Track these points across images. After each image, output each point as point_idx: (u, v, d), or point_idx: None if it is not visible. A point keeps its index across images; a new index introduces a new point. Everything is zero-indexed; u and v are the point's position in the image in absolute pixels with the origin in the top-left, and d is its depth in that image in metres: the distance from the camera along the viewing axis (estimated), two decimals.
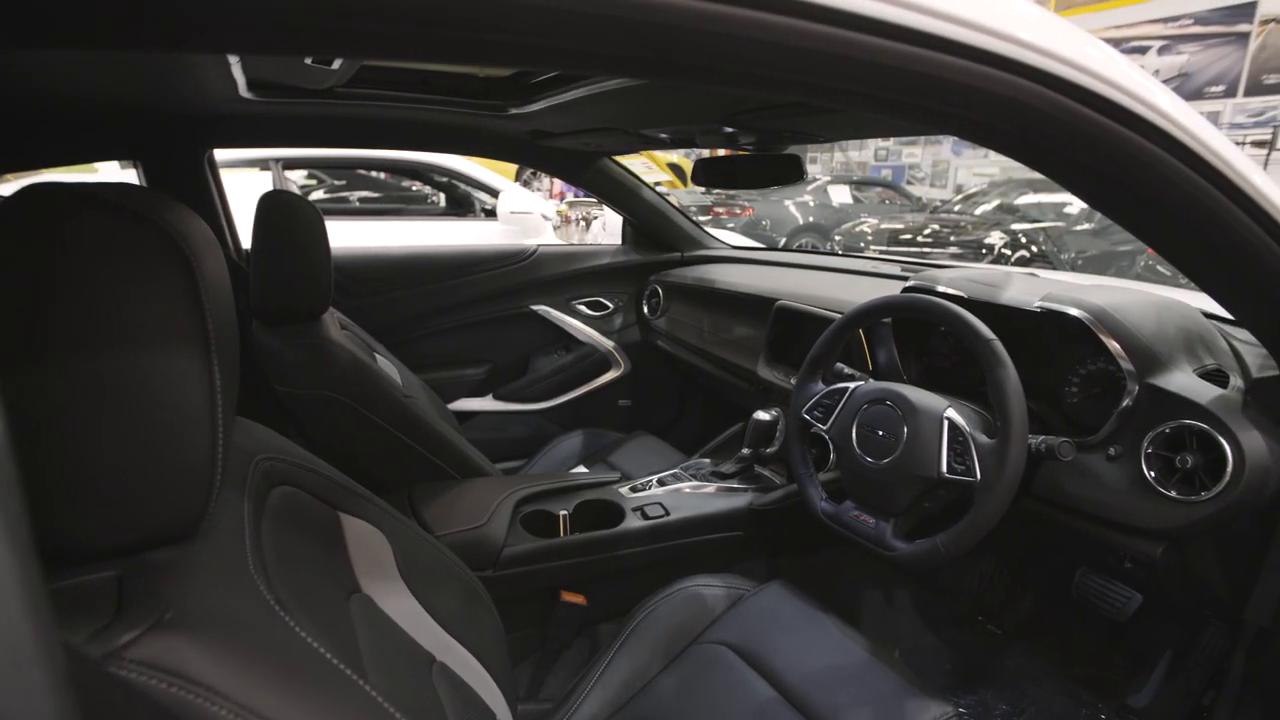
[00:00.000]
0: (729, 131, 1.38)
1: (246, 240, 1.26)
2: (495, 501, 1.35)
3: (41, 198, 0.44)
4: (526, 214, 3.71)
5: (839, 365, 1.31)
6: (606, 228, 4.28)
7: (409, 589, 0.80)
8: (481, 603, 0.94)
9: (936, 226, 7.11)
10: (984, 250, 6.39)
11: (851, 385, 1.20)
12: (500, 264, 2.14)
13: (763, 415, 1.62)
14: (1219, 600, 1.06)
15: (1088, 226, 6.32)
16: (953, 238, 6.82)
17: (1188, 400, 0.95)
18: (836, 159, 14.84)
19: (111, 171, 2.87)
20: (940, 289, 1.27)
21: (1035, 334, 1.20)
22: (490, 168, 4.04)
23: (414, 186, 5.13)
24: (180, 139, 1.56)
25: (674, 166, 10.09)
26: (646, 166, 9.60)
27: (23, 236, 0.43)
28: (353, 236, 2.56)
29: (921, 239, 6.96)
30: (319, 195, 4.76)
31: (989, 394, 1.00)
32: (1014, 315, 1.15)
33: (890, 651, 1.09)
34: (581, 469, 1.86)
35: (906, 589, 1.66)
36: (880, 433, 1.10)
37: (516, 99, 1.41)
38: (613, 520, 1.42)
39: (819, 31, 0.42)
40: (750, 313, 1.82)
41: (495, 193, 3.89)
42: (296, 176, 4.59)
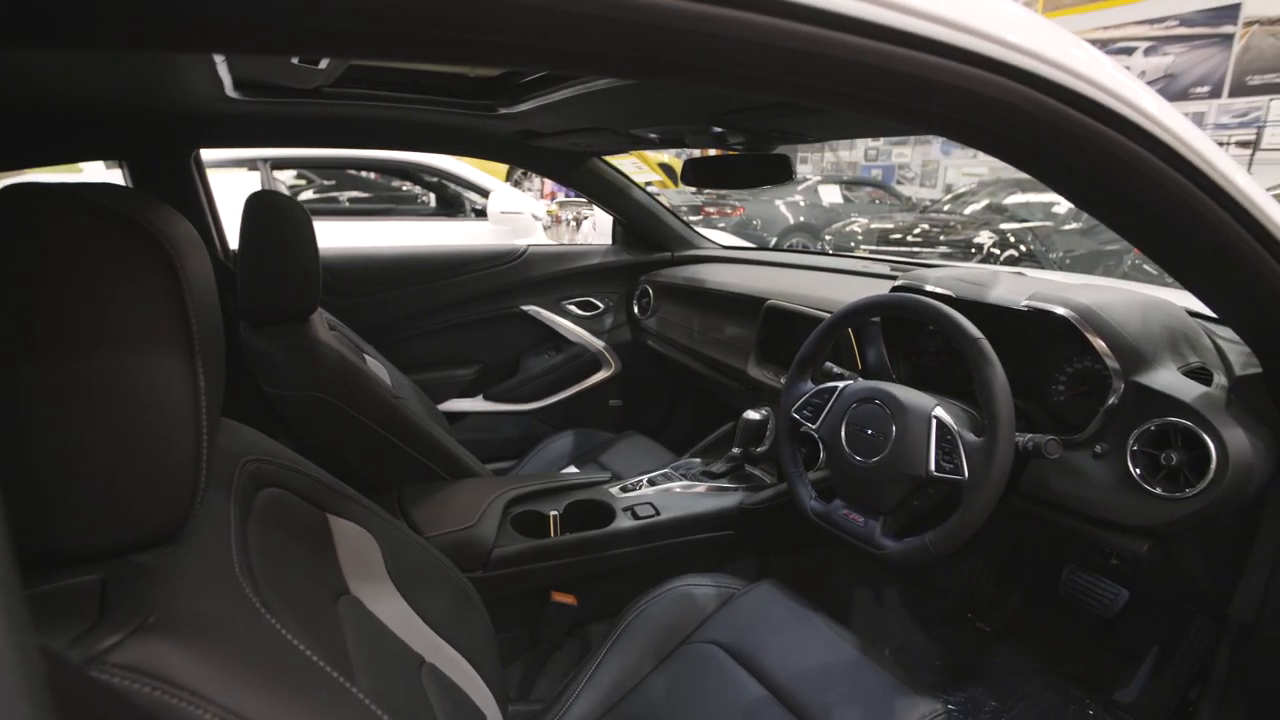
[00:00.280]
0: (718, 132, 1.39)
1: (234, 241, 1.25)
2: (485, 502, 1.35)
3: (22, 198, 0.44)
4: (517, 214, 3.69)
5: (828, 364, 1.31)
6: (597, 227, 4.27)
7: (398, 590, 0.80)
8: (471, 604, 0.94)
9: (926, 226, 7.14)
10: (973, 250, 6.43)
11: (840, 384, 1.20)
12: (490, 264, 2.14)
13: (753, 415, 1.62)
14: (1204, 596, 1.07)
15: (1075, 226, 6.37)
16: (942, 237, 6.85)
17: (1172, 398, 0.95)
18: (827, 159, 14.89)
19: (96, 172, 2.84)
20: (928, 288, 1.28)
21: (1022, 333, 1.21)
22: (481, 168, 4.02)
23: (404, 186, 5.11)
24: (166, 139, 1.55)
25: (665, 166, 10.09)
26: (636, 166, 9.59)
27: (2, 237, 0.43)
28: (342, 237, 2.55)
29: (911, 238, 6.99)
30: (308, 195, 4.73)
31: (976, 393, 1.01)
32: (1001, 314, 1.16)
33: (880, 649, 1.10)
34: (572, 469, 1.86)
35: (896, 587, 1.67)
36: (869, 431, 1.10)
37: (505, 99, 1.41)
38: (603, 520, 1.42)
39: (803, 31, 0.43)
40: (740, 312, 1.82)
41: (486, 193, 3.88)
42: (285, 177, 4.56)
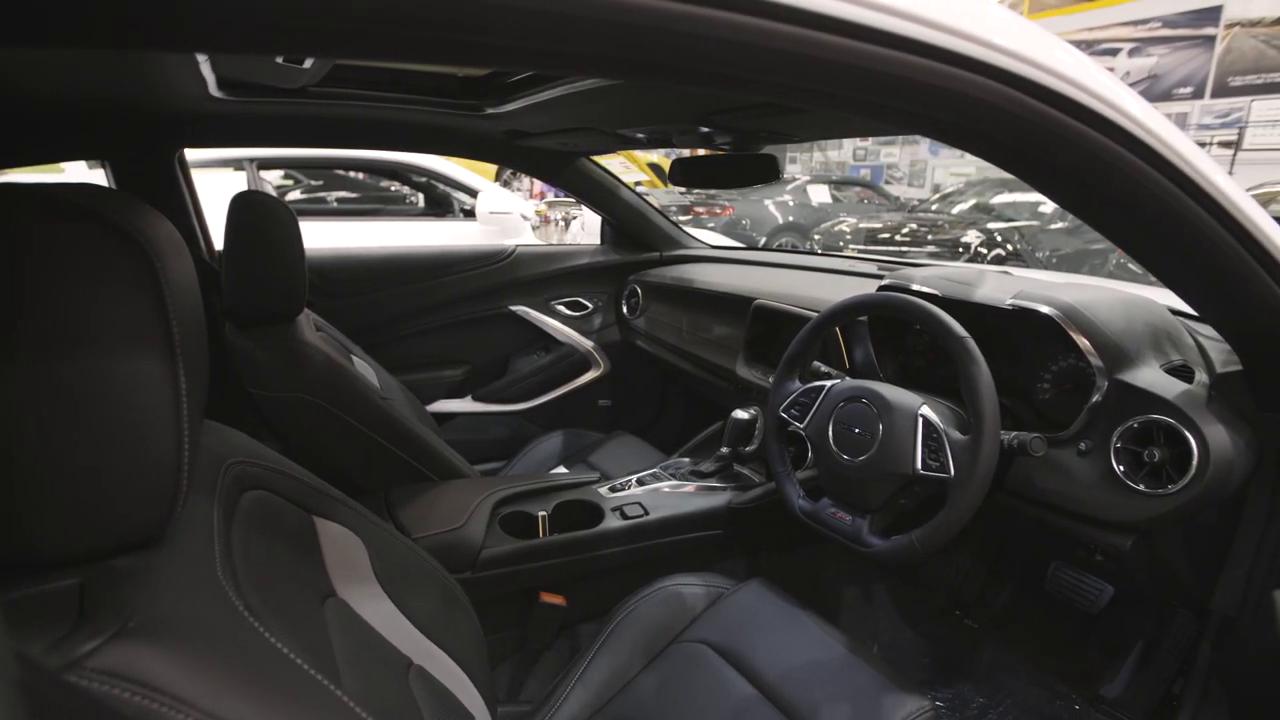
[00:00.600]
0: (705, 131, 1.39)
1: (220, 241, 1.24)
2: (473, 503, 1.34)
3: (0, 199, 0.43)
4: (505, 214, 3.69)
5: (816, 364, 1.32)
6: (585, 227, 4.27)
7: (385, 592, 0.79)
8: (460, 605, 0.94)
9: (914, 226, 7.17)
10: (960, 249, 6.46)
11: (828, 383, 1.20)
12: (479, 264, 2.13)
13: (741, 414, 1.62)
14: (1186, 591, 1.08)
15: (1061, 225, 6.42)
16: (930, 236, 6.88)
17: (1155, 395, 0.96)
18: (815, 159, 14.94)
19: (79, 172, 2.81)
20: (915, 287, 1.29)
21: (1008, 331, 1.21)
22: (470, 168, 4.01)
23: (392, 187, 5.09)
24: (149, 139, 1.54)
25: (654, 166, 10.10)
26: (624, 166, 9.59)
27: None
28: (330, 237, 2.53)
29: (900, 238, 7.02)
30: (296, 195, 4.70)
31: (962, 391, 1.01)
32: (987, 313, 1.17)
33: (869, 647, 1.11)
34: (561, 469, 1.86)
35: (884, 585, 1.68)
36: (856, 430, 1.10)
37: (492, 99, 1.40)
38: (592, 520, 1.42)
39: (784, 31, 0.43)
40: (729, 312, 1.83)
41: (474, 193, 3.87)
42: (273, 177, 4.53)
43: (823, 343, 1.33)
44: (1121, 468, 0.99)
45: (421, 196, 4.60)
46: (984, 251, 6.31)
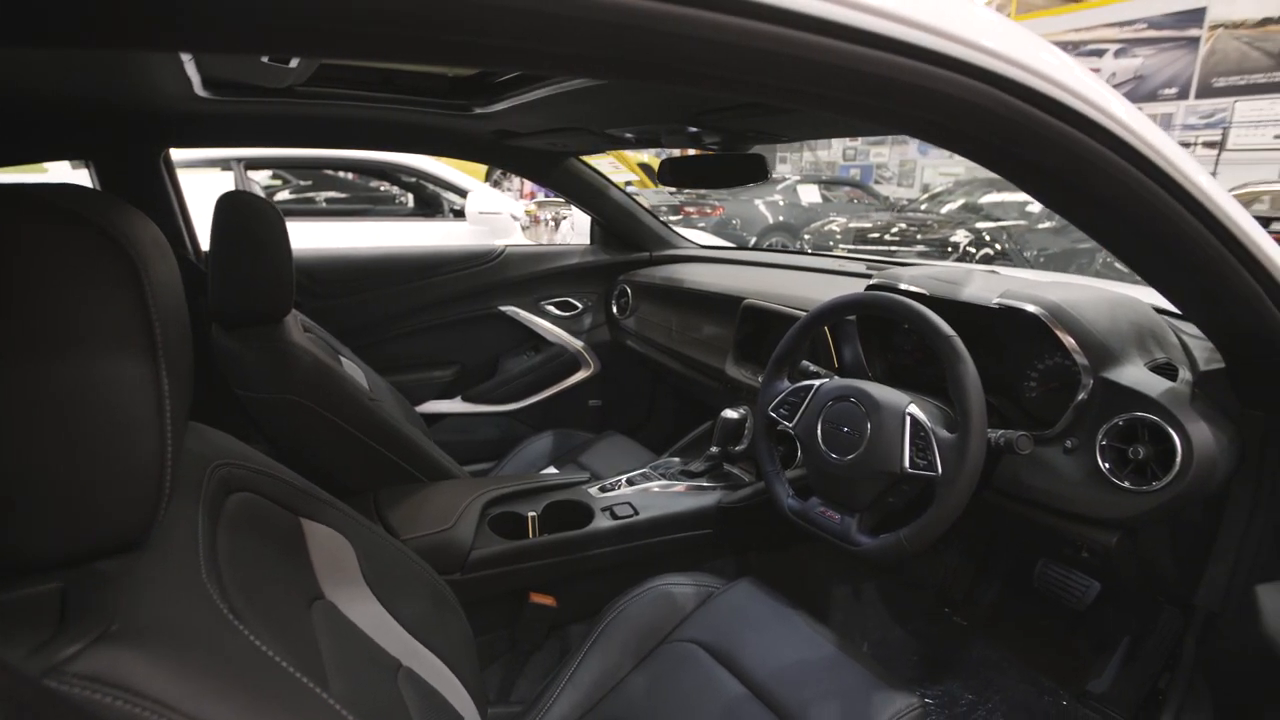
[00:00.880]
0: (693, 131, 1.39)
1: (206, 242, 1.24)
2: (463, 504, 1.34)
3: None
4: (495, 214, 3.68)
5: (804, 363, 1.32)
6: (575, 227, 4.26)
7: (374, 594, 0.79)
8: (449, 606, 0.93)
9: (904, 225, 7.21)
10: (949, 248, 6.50)
11: (816, 383, 1.21)
12: (468, 265, 2.12)
13: (730, 413, 1.62)
14: (1171, 587, 1.09)
15: (1049, 225, 6.46)
16: (919, 236, 6.93)
17: (1139, 393, 0.97)
18: (805, 159, 15.00)
19: (62, 172, 2.78)
20: (903, 286, 1.29)
21: (995, 330, 1.22)
22: (460, 168, 4.00)
23: (382, 187, 5.07)
24: (134, 138, 1.52)
25: (644, 166, 10.10)
26: (614, 166, 9.59)
27: None
28: (319, 237, 2.52)
29: (889, 237, 7.06)
30: (284, 195, 4.67)
31: (949, 389, 1.02)
32: (974, 312, 1.17)
33: (858, 645, 1.11)
34: (552, 470, 1.86)
35: (874, 583, 1.69)
36: (845, 429, 1.11)
37: (480, 98, 1.40)
38: (582, 521, 1.42)
39: (767, 31, 0.43)
40: (718, 312, 1.83)
41: (464, 193, 3.86)
42: (261, 177, 4.50)
43: (811, 342, 1.33)
44: (1107, 465, 1.00)
45: (411, 197, 4.59)
46: (972, 251, 6.36)
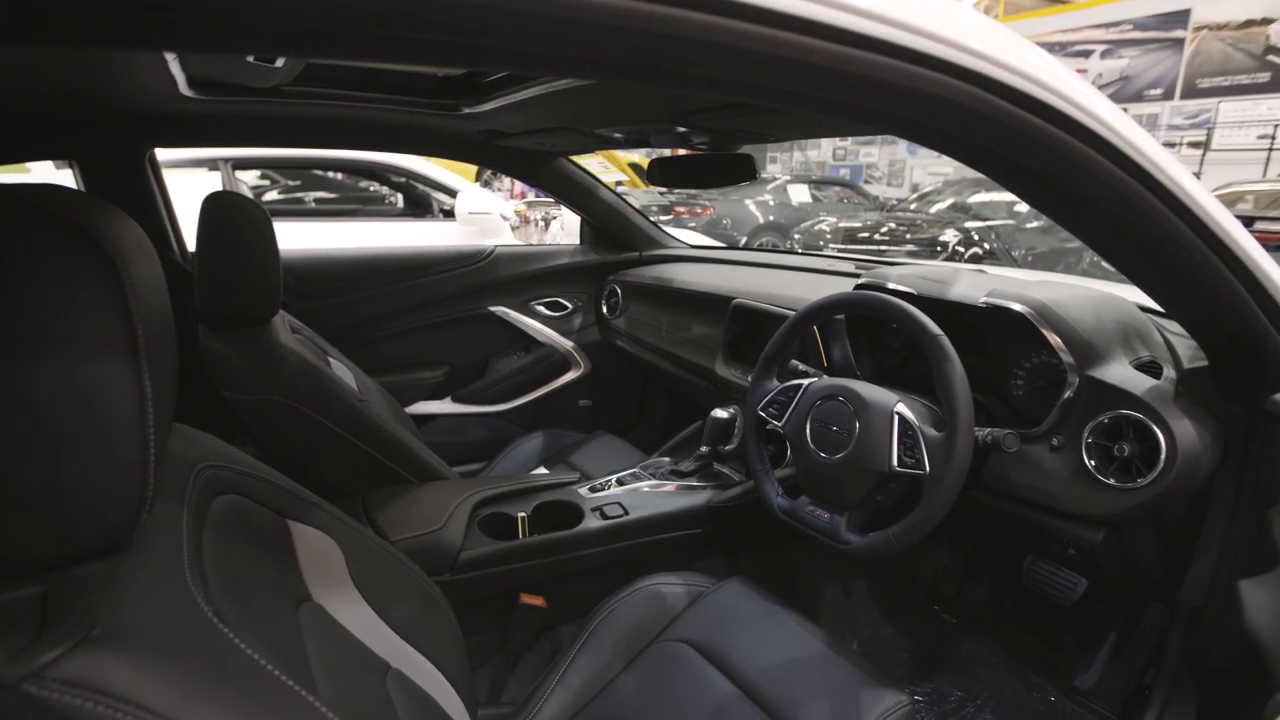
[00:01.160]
0: (682, 131, 1.39)
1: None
2: (452, 505, 1.34)
3: None
4: (485, 214, 3.67)
5: (793, 362, 1.32)
6: (565, 228, 4.25)
7: (362, 596, 0.79)
8: (438, 608, 0.93)
9: (893, 225, 7.23)
10: (938, 248, 6.53)
11: (805, 382, 1.21)
12: (457, 265, 2.12)
13: (720, 413, 1.63)
14: (1156, 582, 1.11)
15: (1036, 224, 6.51)
16: (909, 235, 6.95)
17: (1124, 391, 0.98)
18: (795, 158, 15.05)
19: (46, 172, 2.75)
20: (891, 286, 1.30)
21: (982, 329, 1.23)
22: (450, 168, 3.98)
23: (371, 187, 5.04)
24: (118, 138, 1.51)
25: (634, 166, 10.09)
26: (604, 166, 9.57)
27: None
28: (308, 238, 2.50)
29: (879, 237, 7.08)
30: (273, 196, 4.64)
31: (936, 388, 1.02)
32: (961, 311, 1.18)
33: (848, 643, 1.11)
34: (542, 470, 1.85)
35: (863, 581, 1.69)
36: (833, 428, 1.11)
37: (469, 98, 1.39)
38: (571, 521, 1.42)
39: (752, 31, 0.43)
40: (708, 311, 1.83)
41: (454, 193, 3.84)
42: (249, 177, 4.46)
43: (800, 341, 1.34)
44: (1093, 462, 1.01)
45: (400, 197, 4.57)
46: (961, 250, 6.39)
